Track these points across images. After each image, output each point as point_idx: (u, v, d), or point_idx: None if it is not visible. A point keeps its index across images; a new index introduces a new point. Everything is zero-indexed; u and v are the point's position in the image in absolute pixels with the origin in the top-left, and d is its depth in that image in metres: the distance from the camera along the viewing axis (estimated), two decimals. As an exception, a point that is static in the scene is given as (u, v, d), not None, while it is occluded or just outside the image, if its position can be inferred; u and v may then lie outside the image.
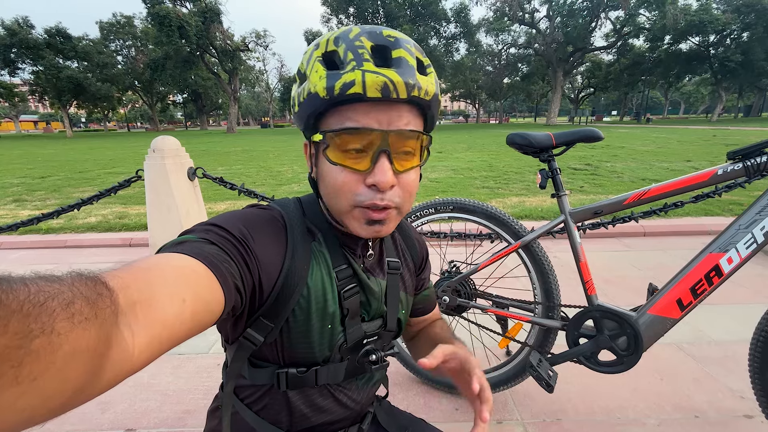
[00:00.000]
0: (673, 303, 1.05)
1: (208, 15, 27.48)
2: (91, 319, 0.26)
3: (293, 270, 0.55)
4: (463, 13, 29.79)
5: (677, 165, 7.15)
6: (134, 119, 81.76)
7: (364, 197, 0.52)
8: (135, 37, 37.08)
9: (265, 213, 0.59)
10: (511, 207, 4.29)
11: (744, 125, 22.88)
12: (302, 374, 0.60)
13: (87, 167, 9.26)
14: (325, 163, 0.54)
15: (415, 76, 0.50)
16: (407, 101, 0.51)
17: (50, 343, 0.23)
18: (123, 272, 0.34)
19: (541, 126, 30.73)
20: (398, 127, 0.51)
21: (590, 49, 31.70)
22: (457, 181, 6.05)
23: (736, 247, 0.98)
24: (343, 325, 0.61)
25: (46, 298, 0.23)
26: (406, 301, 0.72)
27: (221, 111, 50.77)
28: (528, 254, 1.25)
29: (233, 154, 11.85)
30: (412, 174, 0.55)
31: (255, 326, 0.56)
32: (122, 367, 0.30)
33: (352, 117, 0.51)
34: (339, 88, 0.48)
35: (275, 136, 24.69)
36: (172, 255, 0.42)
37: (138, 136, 30.71)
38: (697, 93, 59.82)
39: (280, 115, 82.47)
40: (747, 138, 12.85)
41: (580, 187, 5.26)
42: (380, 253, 0.68)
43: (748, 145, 0.99)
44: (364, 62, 0.48)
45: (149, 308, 0.33)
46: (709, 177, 1.03)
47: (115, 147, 16.78)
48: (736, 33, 29.54)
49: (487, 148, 11.52)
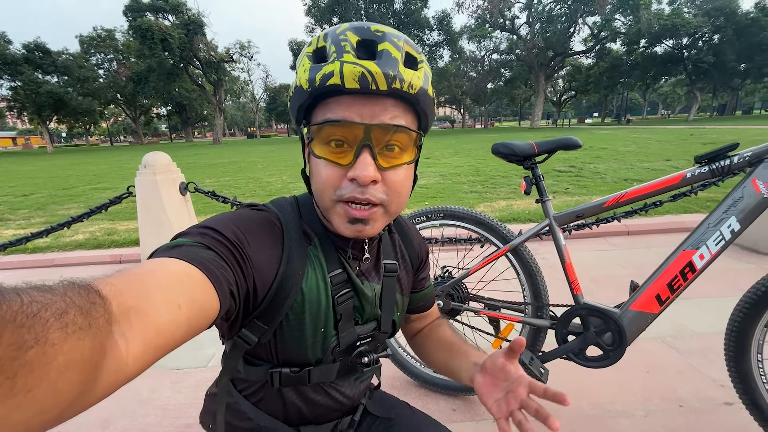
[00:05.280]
0: (652, 299, 1.12)
1: (191, 27, 27.45)
2: (85, 328, 0.25)
3: (288, 275, 0.55)
4: (446, 21, 30.37)
5: (657, 164, 7.38)
6: (117, 133, 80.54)
7: (345, 191, 0.52)
8: (116, 50, 36.70)
9: (261, 215, 0.58)
10: (499, 211, 4.38)
11: (719, 123, 23.70)
12: (295, 374, 0.61)
13: (71, 183, 9.10)
14: (313, 158, 0.54)
15: (398, 68, 0.49)
16: (391, 94, 0.50)
17: (44, 354, 0.22)
18: (116, 279, 0.34)
19: (525, 129, 31.32)
20: (382, 120, 0.50)
21: (570, 54, 32.55)
22: (446, 187, 6.14)
23: (707, 244, 1.05)
24: (336, 330, 0.61)
25: (39, 309, 0.23)
26: (402, 303, 0.72)
27: (206, 122, 50.35)
28: (516, 257, 1.32)
29: (221, 166, 11.78)
30: (399, 172, 0.54)
31: (249, 327, 0.56)
32: (117, 376, 0.29)
33: (334, 110, 0.51)
34: (319, 79, 0.49)
35: (262, 146, 24.62)
36: (166, 260, 0.42)
37: (122, 150, 30.25)
38: (673, 93, 61.72)
39: (267, 125, 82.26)
40: (723, 136, 13.31)
41: (566, 189, 5.40)
42: (377, 255, 0.68)
43: (712, 150, 1.08)
44: (345, 54, 0.48)
45: (143, 315, 0.33)
46: (679, 180, 1.10)
47: (99, 162, 16.50)
48: (707, 36, 30.72)
49: (473, 153, 11.69)
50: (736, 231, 1.03)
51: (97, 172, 11.77)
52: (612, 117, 53.86)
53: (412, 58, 0.52)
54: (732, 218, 1.03)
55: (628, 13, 26.17)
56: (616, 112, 53.31)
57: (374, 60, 0.48)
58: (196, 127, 54.29)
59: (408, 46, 0.52)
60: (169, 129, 61.41)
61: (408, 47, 0.52)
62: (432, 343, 0.79)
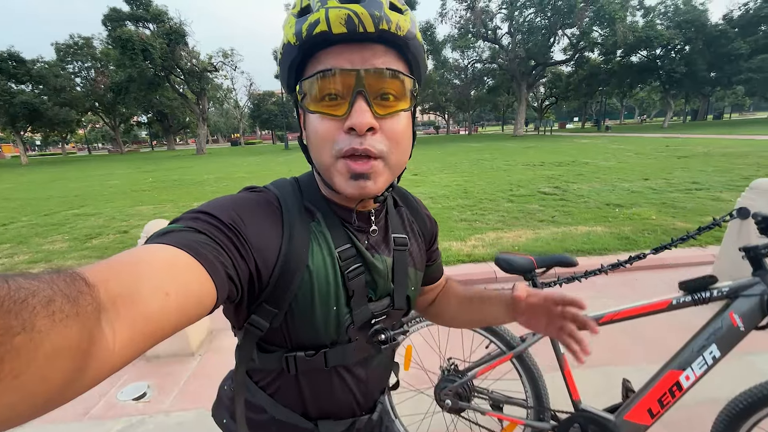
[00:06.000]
0: (644, 411, 1.22)
1: (173, 37, 27.04)
2: (72, 316, 0.26)
3: (291, 253, 0.53)
4: (429, 31, 30.79)
5: (637, 185, 7.69)
6: (95, 140, 78.41)
7: (343, 144, 0.50)
8: (94, 58, 35.85)
9: (258, 196, 0.57)
10: (489, 245, 4.51)
11: (691, 132, 24.70)
12: (310, 357, 0.59)
13: (52, 207, 8.86)
14: (308, 117, 0.53)
15: (383, 10, 0.48)
16: (379, 39, 0.49)
17: (31, 341, 0.23)
18: (103, 266, 0.33)
19: (508, 137, 31.91)
20: (374, 65, 0.49)
21: (550, 63, 33.42)
22: (437, 213, 6.24)
23: (692, 367, 1.17)
24: (349, 307, 0.59)
25: (26, 296, 0.23)
26: (416, 278, 0.70)
27: (189, 129, 49.54)
28: (520, 363, 1.41)
29: (207, 184, 11.66)
30: (398, 120, 0.53)
31: (259, 312, 0.54)
32: (104, 365, 0.30)
33: (324, 61, 0.50)
34: (305, 30, 0.48)
35: (248, 156, 24.39)
36: (155, 246, 0.41)
37: (101, 160, 29.47)
38: (649, 99, 63.96)
39: (251, 131, 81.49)
40: (695, 148, 13.94)
41: (552, 218, 5.58)
42: (385, 229, 0.66)
43: (695, 279, 1.19)
44: (329, 1, 0.48)
45: (131, 303, 0.32)
46: (666, 305, 1.22)
47: (79, 177, 16.09)
48: (679, 46, 32.06)
49: (459, 168, 11.89)
50: (717, 357, 1.15)
51: (78, 191, 11.48)
52: (592, 122, 55.56)
53: (396, 7, 0.51)
54: (713, 346, 1.15)
55: (604, 25, 27.10)
56: (595, 117, 55.01)
57: (359, 3, 0.48)
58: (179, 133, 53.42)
59: None
60: (150, 136, 60.12)
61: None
62: (453, 306, 0.83)
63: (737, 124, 34.80)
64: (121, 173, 16.78)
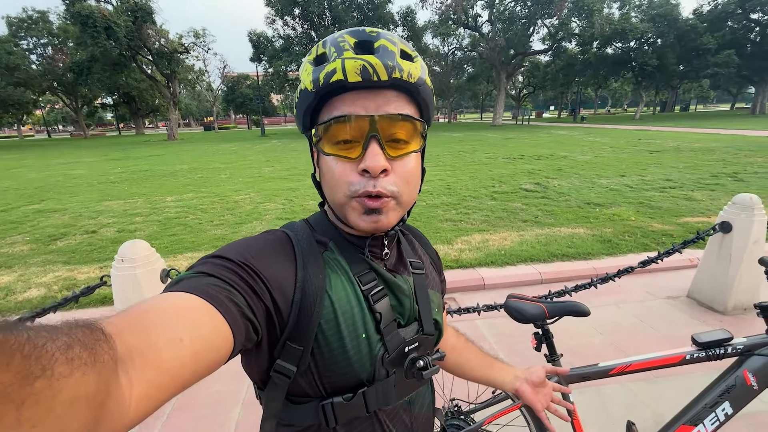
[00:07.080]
0: (655, 464, 1.22)
1: (138, 14, 25.36)
2: (90, 364, 0.25)
3: (308, 281, 0.53)
4: (410, 17, 30.25)
5: (614, 181, 7.89)
6: (55, 122, 73.62)
7: (357, 186, 0.52)
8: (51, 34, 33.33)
9: (268, 236, 0.58)
10: (476, 249, 4.50)
11: (661, 124, 25.69)
12: (349, 401, 0.55)
13: (9, 201, 8.23)
14: (323, 158, 0.55)
15: (396, 60, 0.50)
16: (392, 85, 0.51)
17: (50, 387, 0.22)
18: (117, 318, 0.34)
19: (487, 126, 32.18)
20: (386, 111, 0.52)
21: (529, 53, 33.67)
22: (421, 212, 6.20)
23: (704, 422, 1.16)
24: (380, 333, 0.57)
25: (45, 341, 0.23)
26: (438, 300, 0.70)
27: (159, 113, 47.22)
28: (529, 412, 1.38)
29: (181, 175, 11.15)
30: (408, 161, 0.55)
31: (284, 356, 0.52)
32: (120, 420, 0.29)
33: (339, 107, 0.52)
34: (323, 78, 0.50)
35: (223, 143, 23.54)
36: (167, 295, 0.41)
37: (63, 146, 27.62)
38: (621, 90, 65.82)
39: (225, 115, 78.62)
40: (666, 143, 14.47)
41: (535, 218, 5.64)
42: (399, 253, 0.67)
43: (711, 337, 1.18)
44: (344, 52, 0.50)
45: (145, 354, 0.32)
46: (679, 360, 1.20)
47: (39, 166, 15.04)
48: (651, 39, 32.90)
49: (442, 161, 11.88)
50: (729, 414, 1.14)
51: (39, 182, 10.73)
52: (567, 111, 56.73)
53: (408, 54, 0.54)
54: (726, 403, 1.14)
55: (583, 16, 27.41)
56: (571, 107, 56.14)
57: (373, 54, 0.50)
58: (147, 117, 50.81)
59: (402, 44, 0.54)
60: (116, 119, 56.89)
61: (402, 45, 0.54)
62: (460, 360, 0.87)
63: (703, 116, 36.42)
64: (87, 162, 15.82)
